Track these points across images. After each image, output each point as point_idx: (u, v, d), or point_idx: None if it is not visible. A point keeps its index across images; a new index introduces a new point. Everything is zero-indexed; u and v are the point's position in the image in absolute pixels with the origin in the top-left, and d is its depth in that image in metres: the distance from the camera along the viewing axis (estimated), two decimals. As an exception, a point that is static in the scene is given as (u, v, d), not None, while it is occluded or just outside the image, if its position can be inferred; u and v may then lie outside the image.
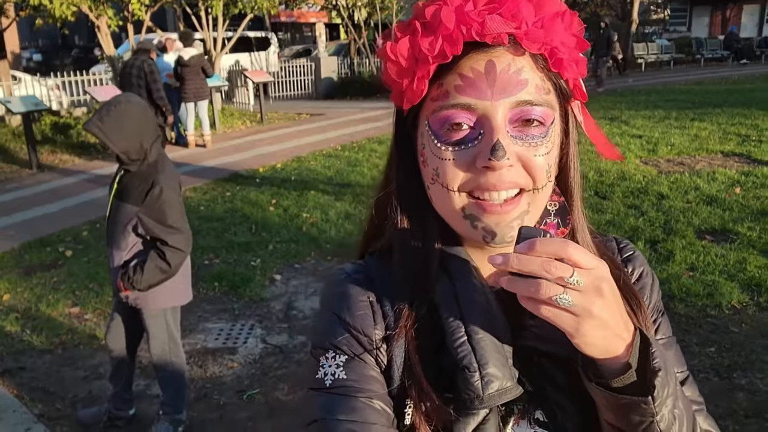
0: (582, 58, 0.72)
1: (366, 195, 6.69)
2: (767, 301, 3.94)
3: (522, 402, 0.72)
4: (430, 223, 0.76)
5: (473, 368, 0.66)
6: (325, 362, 0.72)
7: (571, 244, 0.60)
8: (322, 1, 17.75)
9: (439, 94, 0.69)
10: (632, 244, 0.87)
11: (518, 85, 0.67)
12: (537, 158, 0.69)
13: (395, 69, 0.71)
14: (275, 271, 4.90)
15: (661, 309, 0.84)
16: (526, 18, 0.66)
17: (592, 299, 0.59)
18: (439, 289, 0.72)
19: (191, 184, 7.62)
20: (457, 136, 0.69)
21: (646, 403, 0.62)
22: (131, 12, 10.81)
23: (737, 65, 22.15)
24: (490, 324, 0.69)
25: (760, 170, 6.90)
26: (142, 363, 3.50)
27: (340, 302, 0.75)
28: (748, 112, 10.52)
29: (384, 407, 0.70)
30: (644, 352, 0.64)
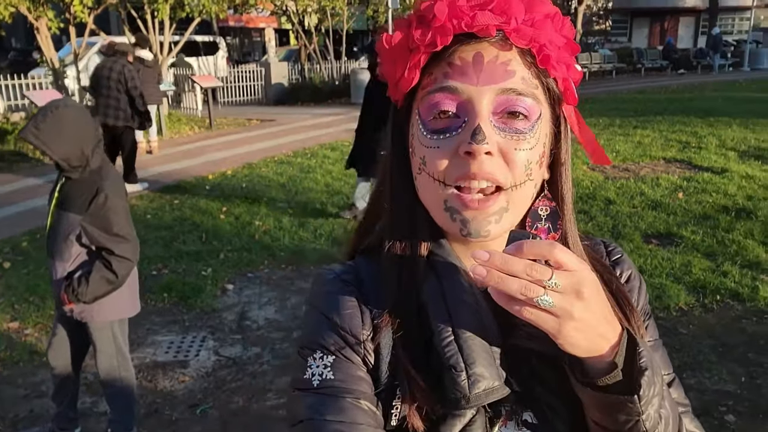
0: (574, 62, 0.73)
1: (320, 201, 6.62)
2: (712, 303, 4.07)
3: (510, 403, 0.72)
4: (420, 220, 0.76)
5: (460, 368, 0.66)
6: (312, 362, 0.72)
7: (557, 246, 0.60)
8: (271, 6, 17.58)
9: (428, 82, 0.71)
10: (620, 247, 0.88)
11: (505, 74, 0.69)
12: (518, 152, 0.70)
13: (389, 59, 0.74)
14: (227, 280, 4.79)
15: (648, 312, 0.85)
16: (516, 15, 0.68)
17: (572, 301, 0.60)
18: (427, 288, 0.72)
19: (137, 192, 7.40)
20: (442, 124, 0.71)
21: (632, 402, 0.63)
22: (73, 14, 10.45)
23: (675, 75, 23.06)
24: (478, 323, 0.69)
25: (700, 176, 7.17)
26: (88, 379, 3.35)
27: (328, 302, 0.75)
28: (687, 120, 10.94)
29: (371, 407, 0.70)
30: (631, 351, 0.65)
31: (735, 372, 3.29)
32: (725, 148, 8.60)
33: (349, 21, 18.96)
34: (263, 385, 3.38)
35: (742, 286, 4.23)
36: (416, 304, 0.72)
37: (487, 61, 0.69)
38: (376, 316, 0.73)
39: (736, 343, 3.57)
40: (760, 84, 18.04)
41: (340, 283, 0.77)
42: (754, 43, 27.51)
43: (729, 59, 25.35)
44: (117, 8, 11.68)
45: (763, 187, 6.58)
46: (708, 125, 10.38)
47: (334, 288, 0.76)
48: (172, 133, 11.60)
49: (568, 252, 0.60)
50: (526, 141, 0.70)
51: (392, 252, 0.76)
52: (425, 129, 0.72)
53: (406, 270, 0.74)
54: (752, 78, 20.52)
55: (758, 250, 4.84)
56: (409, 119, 0.76)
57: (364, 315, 0.74)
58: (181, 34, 13.74)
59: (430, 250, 0.75)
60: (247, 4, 14.88)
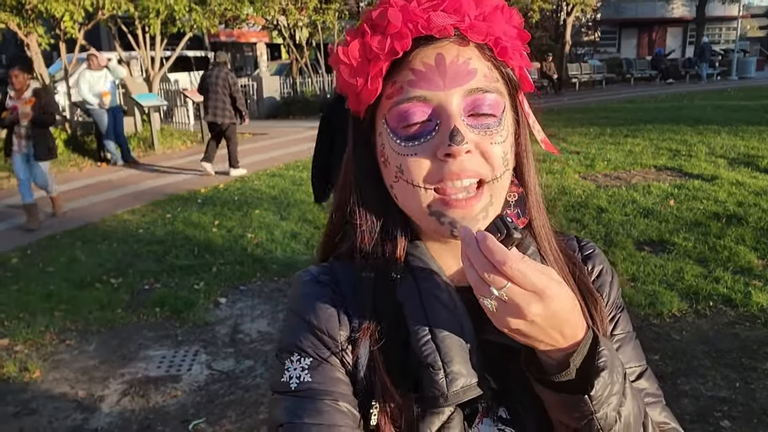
0: (525, 50, 0.75)
1: (312, 214, 6.61)
2: (705, 308, 4.07)
3: (486, 399, 0.72)
4: (392, 222, 0.77)
5: (437, 366, 0.66)
6: (290, 365, 0.72)
7: (515, 262, 0.59)
8: (262, 21, 17.64)
9: (393, 91, 0.71)
10: (593, 243, 0.88)
11: (468, 74, 0.69)
12: (494, 146, 0.71)
13: (349, 71, 0.73)
14: (219, 294, 4.76)
15: (620, 305, 0.86)
16: (468, 12, 0.69)
17: (513, 316, 0.60)
18: (403, 288, 0.73)
19: (129, 206, 7.37)
20: (415, 130, 0.70)
21: (583, 401, 0.63)
22: (63, 30, 10.45)
23: (664, 84, 23.25)
24: (454, 322, 0.69)
25: (691, 183, 7.20)
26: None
27: (305, 304, 0.75)
28: (677, 128, 11.01)
29: (350, 409, 0.70)
30: (591, 350, 0.65)
31: (729, 377, 3.28)
32: (715, 156, 8.65)
33: (340, 35, 19.04)
34: (256, 398, 3.35)
35: (734, 291, 4.24)
36: (393, 304, 0.72)
37: (449, 63, 0.69)
38: (353, 317, 0.73)
39: (730, 349, 3.57)
40: (748, 92, 18.21)
41: (317, 284, 0.77)
42: (742, 53, 27.81)
43: (717, 68, 25.60)
44: (107, 24, 11.68)
45: (753, 194, 6.61)
46: (698, 133, 10.45)
47: (310, 290, 0.76)
48: (165, 148, 11.59)
49: (529, 270, 0.59)
50: (498, 134, 0.71)
51: (366, 254, 0.76)
52: (397, 137, 0.71)
53: (381, 271, 0.74)
54: (740, 86, 20.72)
55: (750, 255, 4.85)
56: (374, 130, 0.76)
57: (341, 316, 0.74)
58: (173, 49, 13.75)
59: (404, 251, 0.75)
60: (239, 19, 14.93)
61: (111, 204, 7.58)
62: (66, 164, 10.12)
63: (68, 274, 5.20)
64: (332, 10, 17.37)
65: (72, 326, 4.27)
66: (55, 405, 3.35)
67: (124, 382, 3.56)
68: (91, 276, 5.11)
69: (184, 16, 11.46)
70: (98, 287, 4.91)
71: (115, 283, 4.98)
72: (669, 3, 33.11)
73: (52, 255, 5.73)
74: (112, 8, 10.58)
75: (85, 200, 7.83)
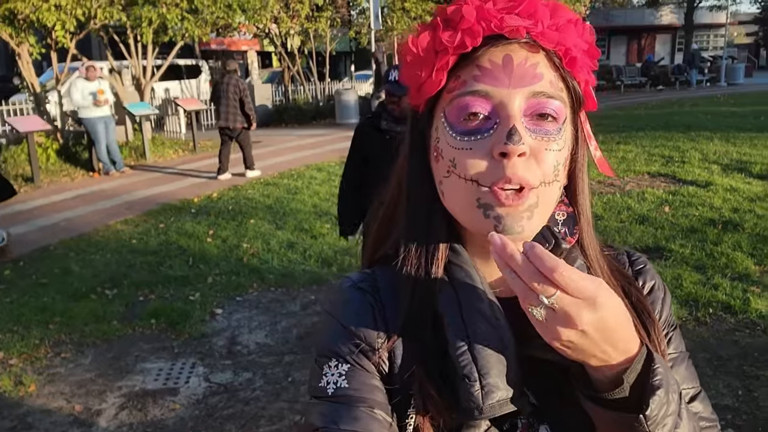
0: (594, 67, 0.74)
1: (309, 223, 6.58)
2: (705, 316, 4.07)
3: (526, 415, 0.70)
4: (437, 228, 0.75)
5: (474, 378, 0.65)
6: (327, 371, 0.72)
7: (562, 268, 0.57)
8: (253, 29, 17.64)
9: (456, 85, 0.70)
10: (644, 257, 0.86)
11: (534, 77, 0.69)
12: (548, 152, 0.69)
13: (415, 61, 0.73)
14: (216, 305, 4.71)
15: (673, 323, 0.83)
16: (542, 19, 0.69)
17: (563, 325, 0.59)
18: (443, 297, 0.72)
19: (122, 217, 7.32)
20: (474, 126, 0.70)
21: (638, 421, 0.61)
22: (55, 39, 10.40)
23: (654, 91, 23.42)
24: (493, 334, 0.68)
25: (685, 189, 7.23)
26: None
27: (344, 310, 0.76)
28: (669, 135, 11.07)
29: (385, 417, 0.70)
30: (646, 368, 0.63)
31: (731, 385, 3.27)
32: (708, 162, 8.70)
33: (332, 43, 19.07)
34: (256, 411, 3.31)
35: (733, 298, 4.24)
36: (432, 314, 0.72)
37: (516, 64, 0.68)
38: (391, 324, 0.73)
39: (731, 356, 3.57)
40: (738, 98, 18.38)
41: (357, 291, 0.77)
42: (730, 59, 28.10)
43: (706, 75, 25.84)
44: (99, 33, 11.64)
45: (747, 200, 6.65)
46: (690, 140, 10.52)
47: (350, 296, 0.77)
48: (156, 157, 11.53)
49: (577, 277, 0.57)
50: (555, 142, 0.70)
51: (409, 260, 0.75)
52: (454, 131, 0.70)
53: (422, 279, 0.74)
54: (729, 93, 20.90)
55: (747, 262, 4.86)
56: (431, 124, 0.75)
57: (380, 324, 0.73)
58: (164, 58, 13.71)
59: (447, 259, 0.74)
60: (230, 27, 14.91)
61: (104, 214, 7.52)
62: (58, 174, 10.05)
63: (62, 285, 5.14)
64: (324, 18, 17.42)
65: (67, 339, 4.21)
66: (51, 419, 3.30)
67: (121, 395, 3.51)
68: (85, 287, 5.05)
69: (177, 24, 11.43)
70: (93, 299, 4.85)
71: (109, 295, 4.93)
72: (657, 10, 33.45)
73: (45, 267, 5.67)
74: (104, 17, 10.55)
75: (78, 210, 7.77)
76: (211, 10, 11.79)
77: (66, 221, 7.26)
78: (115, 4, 10.67)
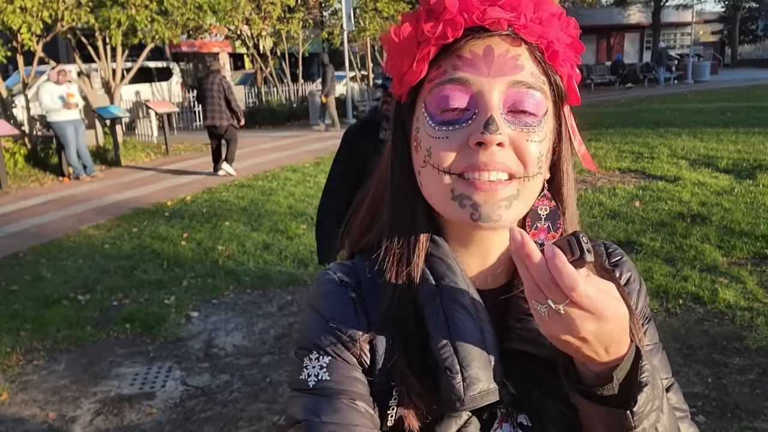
0: (577, 62, 0.74)
1: (284, 224, 6.56)
2: (675, 307, 4.16)
3: (505, 405, 0.72)
4: (419, 219, 0.75)
5: (455, 370, 0.66)
6: (308, 363, 0.72)
7: (583, 287, 0.56)
8: (225, 30, 17.51)
9: (437, 75, 0.71)
10: (620, 249, 0.87)
11: (515, 68, 0.69)
12: (529, 144, 0.69)
13: (398, 51, 0.73)
14: (191, 308, 4.67)
15: (647, 315, 0.84)
16: (525, 12, 0.69)
17: (565, 331, 0.59)
18: (423, 289, 0.72)
19: (94, 221, 7.21)
20: (452, 116, 0.69)
21: (625, 416, 0.62)
22: (21, 42, 10.20)
23: (623, 89, 23.79)
24: (474, 326, 0.69)
25: (655, 184, 7.38)
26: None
27: (325, 303, 0.75)
28: (638, 132, 11.28)
29: (367, 408, 0.70)
30: (634, 365, 0.64)
31: (701, 373, 3.35)
32: (677, 157, 8.88)
33: (305, 44, 19.02)
34: (234, 413, 3.30)
35: (702, 289, 4.34)
36: (413, 306, 0.72)
37: (497, 55, 0.68)
38: (373, 316, 0.73)
39: (701, 345, 3.65)
40: (704, 95, 18.78)
41: (338, 284, 0.76)
42: (696, 57, 28.66)
43: (674, 72, 26.32)
44: (66, 36, 11.45)
45: (714, 193, 6.80)
46: (658, 136, 10.72)
47: (331, 289, 0.76)
48: (128, 160, 11.38)
49: (592, 293, 0.57)
50: (536, 133, 0.70)
51: (390, 252, 0.75)
52: (433, 121, 0.70)
53: (403, 271, 0.74)
54: (696, 90, 21.35)
55: (715, 254, 4.98)
56: (413, 114, 0.75)
57: (361, 315, 0.73)
58: (134, 60, 13.54)
59: (428, 251, 0.74)
60: (201, 29, 14.79)
61: (75, 219, 7.40)
62: (26, 180, 9.86)
63: (33, 292, 5.05)
64: (296, 19, 17.37)
65: (39, 346, 4.14)
66: (24, 428, 3.24)
67: (96, 401, 3.47)
68: (57, 293, 4.97)
69: (146, 26, 11.30)
70: (65, 305, 4.77)
71: (82, 300, 4.86)
72: (626, 9, 33.96)
73: (15, 273, 5.56)
74: (71, 20, 10.38)
75: (48, 216, 7.63)
76: (181, 12, 11.68)
77: (36, 227, 7.13)
78: (83, 6, 10.50)
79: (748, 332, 3.74)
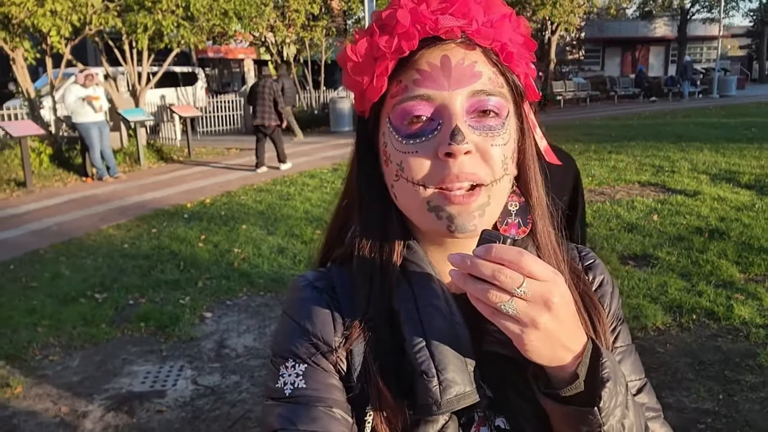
0: (532, 59, 0.75)
1: (299, 229, 6.61)
2: (688, 322, 4.11)
3: (482, 408, 0.72)
4: (391, 227, 0.76)
5: (431, 374, 0.66)
6: (284, 371, 0.72)
7: (526, 254, 0.59)
8: (250, 37, 17.72)
9: (398, 90, 0.71)
10: (593, 252, 0.88)
11: (473, 76, 0.70)
12: (494, 148, 0.70)
13: (355, 68, 0.73)
14: (205, 309, 4.73)
15: (620, 317, 0.85)
16: (476, 17, 0.70)
17: (539, 311, 0.59)
18: (399, 294, 0.73)
19: (114, 221, 7.33)
20: (417, 129, 0.70)
21: (592, 414, 0.63)
22: (50, 45, 10.43)
23: (647, 102, 23.58)
24: (450, 329, 0.69)
25: (674, 198, 7.30)
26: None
27: (300, 309, 0.75)
28: (660, 145, 11.17)
29: (344, 415, 0.70)
30: (595, 362, 0.65)
31: (712, 390, 3.31)
32: (697, 172, 8.78)
33: (327, 51, 19.17)
34: (242, 413, 3.33)
35: (717, 305, 4.29)
36: (388, 311, 0.72)
37: (454, 64, 0.69)
38: (348, 322, 0.73)
39: (713, 361, 3.61)
40: (729, 110, 18.52)
41: (313, 290, 0.77)
42: (723, 71, 28.32)
43: (699, 86, 26.03)
44: (94, 39, 11.68)
45: (734, 209, 6.71)
46: (680, 150, 10.61)
47: (306, 295, 0.76)
48: (151, 163, 11.55)
49: (538, 261, 0.60)
50: (500, 137, 0.71)
51: (364, 258, 0.76)
52: (399, 135, 0.71)
53: (378, 276, 0.74)
54: (721, 104, 21.05)
55: (732, 269, 4.91)
56: (377, 129, 0.76)
57: (337, 322, 0.73)
58: (160, 65, 13.77)
59: (403, 256, 0.75)
60: (226, 35, 14.98)
61: (96, 219, 7.53)
62: (51, 179, 10.06)
63: (52, 289, 5.15)
64: (320, 27, 17.53)
65: (55, 342, 4.22)
66: (37, 421, 3.31)
67: (108, 397, 3.53)
68: (75, 291, 5.06)
69: (172, 31, 11.48)
70: (82, 302, 4.86)
71: (99, 298, 4.94)
72: (651, 22, 33.71)
73: (35, 270, 5.68)
74: (99, 24, 10.59)
75: (70, 215, 7.78)
76: (207, 18, 11.86)
77: (57, 225, 7.27)
78: (111, 10, 10.71)
79: (762, 349, 3.68)
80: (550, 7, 21.26)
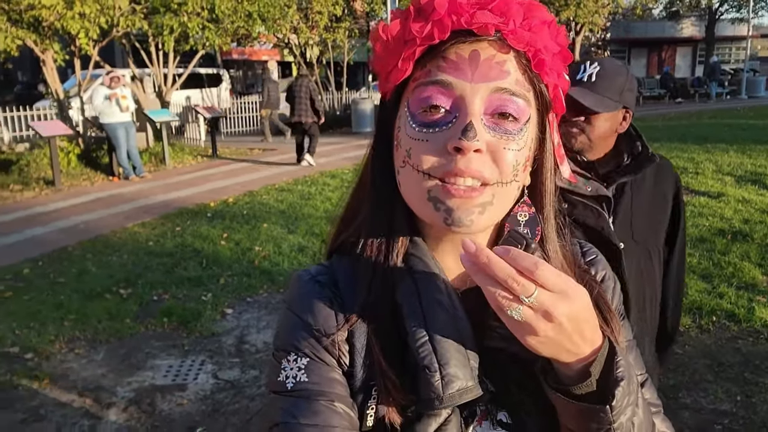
0: (565, 71, 0.74)
1: (320, 227, 6.68)
2: (708, 323, 4.08)
3: (484, 402, 0.72)
4: (398, 218, 0.76)
5: (434, 368, 0.66)
6: (286, 365, 0.72)
7: (543, 265, 0.59)
8: (274, 39, 17.88)
9: (421, 75, 0.70)
10: (595, 248, 0.89)
11: (500, 73, 0.68)
12: (507, 151, 0.69)
13: (385, 48, 0.73)
14: (227, 305, 4.82)
15: (621, 313, 0.86)
16: (514, 18, 0.68)
17: (544, 321, 0.60)
18: (402, 288, 0.72)
19: (140, 219, 7.47)
20: (432, 118, 0.69)
21: (603, 411, 0.63)
22: (78, 46, 10.66)
23: (673, 103, 23.25)
24: (452, 324, 0.69)
25: (697, 200, 7.22)
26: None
27: (303, 304, 0.75)
28: (684, 146, 11.03)
29: (346, 410, 0.70)
30: (609, 361, 0.65)
31: (731, 391, 3.29)
32: (722, 173, 8.67)
33: (350, 53, 19.26)
34: (261, 407, 3.39)
35: (738, 307, 4.25)
36: (391, 305, 0.72)
37: (483, 59, 0.68)
38: (350, 316, 0.73)
39: (732, 363, 3.58)
40: (757, 111, 18.20)
41: (315, 284, 0.77)
42: (751, 72, 27.81)
43: (726, 87, 25.59)
44: (121, 41, 11.91)
45: (759, 211, 6.62)
46: (705, 151, 10.47)
47: (309, 289, 0.76)
48: (176, 163, 11.73)
49: (554, 272, 0.59)
50: (515, 142, 0.69)
51: (368, 250, 0.76)
52: (413, 121, 0.70)
53: (381, 270, 0.74)
54: (749, 105, 20.70)
55: (754, 272, 4.86)
56: (396, 112, 0.75)
57: (339, 316, 0.73)
58: (185, 66, 13.97)
59: (406, 250, 0.75)
60: (250, 37, 15.15)
61: (122, 217, 7.69)
62: (78, 178, 10.28)
63: (78, 285, 5.28)
64: (342, 28, 17.62)
65: (81, 336, 4.34)
66: (62, 412, 3.41)
67: (131, 390, 3.62)
68: (100, 287, 5.19)
69: (198, 33, 11.66)
70: (108, 298, 4.98)
71: (124, 294, 5.06)
72: (678, 23, 33.22)
73: (63, 266, 5.82)
74: (126, 26, 10.80)
75: (97, 213, 7.95)
76: (231, 20, 12.02)
77: (85, 223, 7.44)
78: (137, 12, 10.92)
79: (783, 352, 3.65)
80: (573, 7, 21.11)
